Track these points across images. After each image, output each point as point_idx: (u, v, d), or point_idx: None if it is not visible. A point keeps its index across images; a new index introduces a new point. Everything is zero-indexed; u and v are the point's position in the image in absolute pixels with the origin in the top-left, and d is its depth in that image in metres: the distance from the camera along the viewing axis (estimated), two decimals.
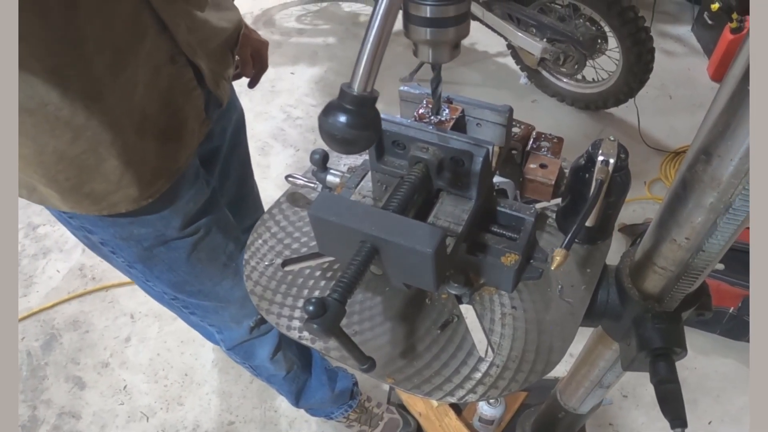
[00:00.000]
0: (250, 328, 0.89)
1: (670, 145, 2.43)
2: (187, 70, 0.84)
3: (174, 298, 1.08)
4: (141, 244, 0.93)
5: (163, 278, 1.01)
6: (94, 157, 0.76)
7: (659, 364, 0.58)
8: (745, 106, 0.39)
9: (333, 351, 0.60)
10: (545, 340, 0.60)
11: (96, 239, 0.92)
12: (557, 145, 0.71)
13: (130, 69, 0.74)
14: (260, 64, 1.17)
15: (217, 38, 0.91)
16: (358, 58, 0.46)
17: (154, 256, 0.96)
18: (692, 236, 0.50)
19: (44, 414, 1.71)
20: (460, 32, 0.50)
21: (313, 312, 0.44)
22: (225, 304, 1.12)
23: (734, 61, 0.39)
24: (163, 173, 0.85)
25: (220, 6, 0.95)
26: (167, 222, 0.91)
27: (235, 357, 1.32)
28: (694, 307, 0.61)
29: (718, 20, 2.74)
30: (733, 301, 1.70)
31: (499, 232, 0.65)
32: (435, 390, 0.57)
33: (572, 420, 1.07)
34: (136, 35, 0.74)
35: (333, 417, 1.61)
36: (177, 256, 0.97)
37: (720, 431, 1.62)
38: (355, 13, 3.30)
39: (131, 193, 0.82)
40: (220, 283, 1.07)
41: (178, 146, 0.86)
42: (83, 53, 0.68)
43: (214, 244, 1.01)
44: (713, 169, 0.44)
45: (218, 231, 1.01)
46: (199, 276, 1.03)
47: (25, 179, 0.78)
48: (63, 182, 0.77)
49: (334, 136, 0.48)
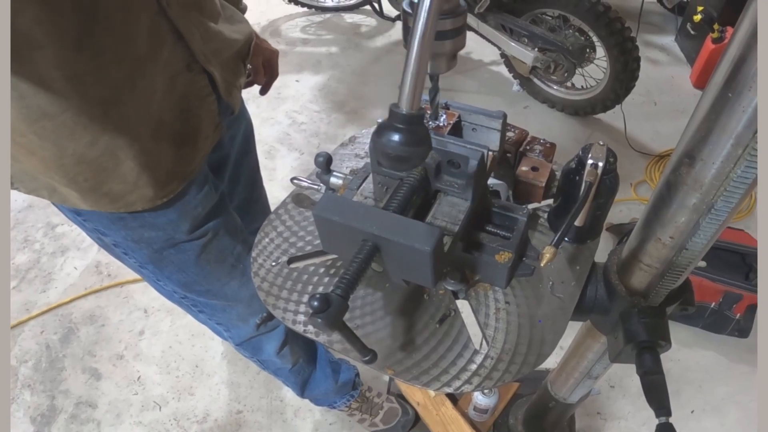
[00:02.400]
0: (257, 325, 0.89)
1: (654, 149, 2.42)
2: (202, 77, 0.84)
3: (184, 297, 1.07)
4: (151, 247, 0.92)
5: (173, 278, 1.01)
6: (112, 160, 0.76)
7: (645, 356, 0.58)
8: (727, 112, 0.39)
9: (336, 344, 0.60)
10: (537, 334, 0.60)
11: (109, 241, 0.92)
12: (549, 149, 0.71)
13: (148, 77, 0.74)
14: (271, 73, 1.16)
15: (230, 49, 0.90)
16: (403, 79, 0.46)
17: (164, 257, 0.95)
18: (676, 235, 0.50)
19: (62, 403, 1.71)
20: (457, 44, 0.50)
21: (318, 307, 0.44)
22: (232, 303, 1.11)
23: (716, 69, 0.39)
24: (178, 175, 0.85)
25: (233, 19, 0.95)
26: (176, 226, 0.91)
27: (243, 352, 1.32)
28: (677, 303, 0.61)
29: (700, 31, 2.73)
30: (715, 297, 1.70)
31: (494, 231, 0.65)
32: (433, 381, 0.57)
33: (562, 409, 1.07)
34: (153, 45, 0.74)
35: (336, 406, 1.60)
36: (186, 257, 0.97)
37: (702, 419, 1.62)
38: (356, 24, 3.29)
39: (147, 193, 0.82)
40: (228, 284, 1.06)
41: (193, 150, 0.86)
42: (102, 63, 0.68)
43: (222, 247, 1.01)
44: (696, 172, 0.44)
45: (226, 234, 1.00)
46: (208, 277, 1.03)
47: (46, 180, 0.78)
48: (82, 183, 0.77)
49: (389, 154, 0.49)
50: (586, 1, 2.12)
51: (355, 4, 3.17)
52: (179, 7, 0.77)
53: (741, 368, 1.73)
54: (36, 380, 1.76)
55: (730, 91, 0.38)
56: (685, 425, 1.61)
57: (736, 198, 0.44)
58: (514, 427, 1.35)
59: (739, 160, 0.40)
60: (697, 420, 1.62)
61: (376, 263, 0.53)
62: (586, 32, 2.25)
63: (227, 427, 1.63)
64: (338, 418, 1.68)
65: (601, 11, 2.11)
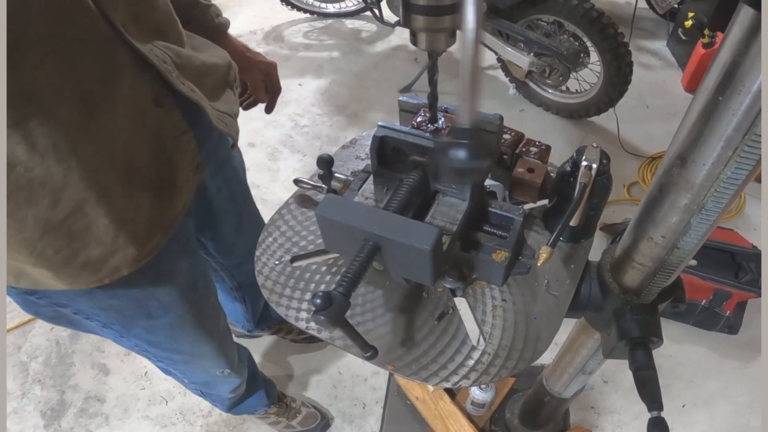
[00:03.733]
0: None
1: (647, 151, 2.42)
2: (175, 112, 0.70)
3: (145, 351, 0.95)
4: (122, 314, 0.80)
5: (141, 337, 0.89)
6: (81, 220, 0.61)
7: (637, 352, 0.58)
8: (717, 115, 0.39)
9: (338, 340, 0.60)
10: (533, 330, 0.60)
11: (68, 311, 0.78)
12: (544, 151, 0.71)
13: (105, 116, 0.60)
14: (273, 87, 1.04)
15: (213, 75, 0.79)
16: (461, 95, 0.46)
17: (133, 323, 0.83)
18: (668, 235, 0.50)
19: (72, 398, 1.71)
20: (456, 21, 0.49)
21: (320, 305, 0.44)
22: (198, 358, 1.03)
23: (706, 73, 0.39)
24: (160, 226, 0.71)
25: (204, 48, 0.81)
26: (150, 294, 0.79)
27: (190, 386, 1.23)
28: (669, 300, 0.61)
29: (691, 36, 2.73)
30: (705, 294, 1.70)
31: (491, 230, 0.65)
32: (431, 376, 0.57)
33: (557, 403, 1.07)
34: (108, 78, 0.60)
35: (255, 413, 1.51)
36: (158, 324, 0.86)
37: (692, 413, 1.62)
38: (357, 30, 3.29)
39: (130, 253, 0.68)
40: (199, 345, 0.97)
41: (172, 195, 0.72)
42: (42, 102, 0.54)
43: (202, 315, 0.92)
44: (687, 173, 0.44)
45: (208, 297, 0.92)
46: (179, 339, 0.93)
47: (10, 264, 0.64)
48: (53, 257, 0.62)
49: (459, 170, 0.48)
50: (580, 8, 2.12)
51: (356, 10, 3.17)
52: (139, 31, 0.63)
53: (731, 364, 1.73)
54: (46, 375, 1.76)
55: (720, 94, 0.38)
56: (677, 419, 1.61)
57: (726, 198, 0.44)
58: (511, 421, 1.35)
59: (729, 161, 0.40)
60: (688, 414, 1.62)
61: (376, 262, 0.53)
62: (580, 37, 2.25)
63: (231, 420, 1.62)
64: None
65: (595, 17, 2.11)
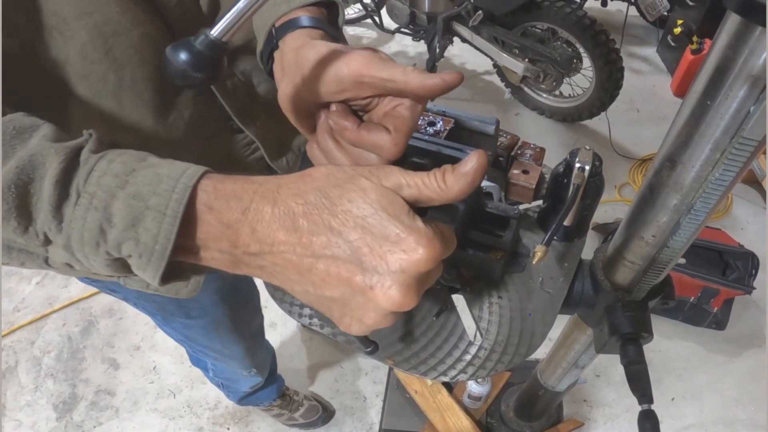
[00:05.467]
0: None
1: (637, 153, 2.42)
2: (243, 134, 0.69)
3: (182, 341, 1.01)
4: (164, 308, 0.84)
5: (179, 330, 0.94)
6: None
7: (628, 347, 0.58)
8: (705, 119, 0.39)
9: (340, 336, 0.60)
10: (528, 326, 0.60)
11: (118, 296, 0.83)
12: (539, 153, 0.71)
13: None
14: None
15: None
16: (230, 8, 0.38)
17: (173, 320, 0.88)
18: (658, 234, 0.50)
19: (83, 391, 1.71)
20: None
21: None
22: (227, 359, 1.07)
23: (695, 78, 0.39)
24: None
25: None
26: (190, 300, 0.81)
27: (215, 381, 1.26)
28: (659, 297, 0.61)
29: (680, 42, 2.73)
30: (693, 291, 1.70)
31: (487, 230, 0.64)
32: (430, 370, 0.57)
33: (551, 397, 1.07)
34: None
35: (260, 405, 1.52)
36: (195, 324, 0.90)
37: (681, 406, 1.62)
38: (358, 36, 3.29)
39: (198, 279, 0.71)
40: (230, 347, 1.01)
41: None
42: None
43: (238, 320, 0.94)
44: (677, 175, 0.44)
45: (243, 307, 0.93)
46: (213, 339, 0.97)
47: None
48: None
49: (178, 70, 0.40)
50: (573, 15, 2.12)
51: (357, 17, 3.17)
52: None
53: (718, 358, 1.73)
54: (58, 370, 1.76)
55: (709, 99, 0.38)
56: (666, 412, 1.61)
57: (714, 199, 0.44)
58: (506, 414, 1.35)
59: (717, 164, 0.40)
60: (678, 407, 1.62)
61: None
62: (573, 44, 2.25)
63: (237, 413, 1.62)
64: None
65: (588, 24, 2.11)
